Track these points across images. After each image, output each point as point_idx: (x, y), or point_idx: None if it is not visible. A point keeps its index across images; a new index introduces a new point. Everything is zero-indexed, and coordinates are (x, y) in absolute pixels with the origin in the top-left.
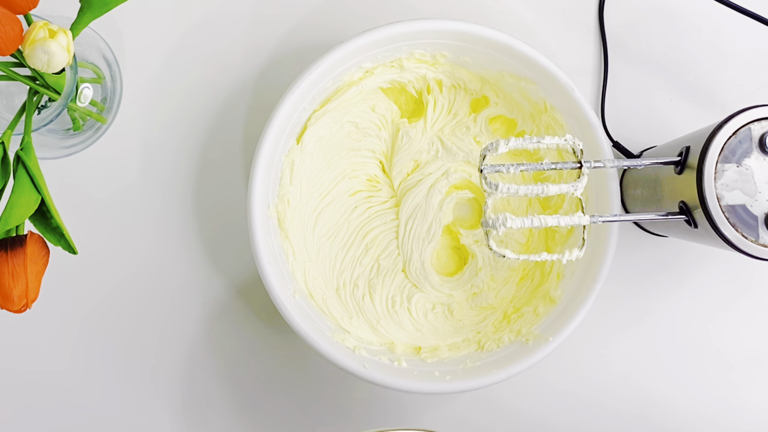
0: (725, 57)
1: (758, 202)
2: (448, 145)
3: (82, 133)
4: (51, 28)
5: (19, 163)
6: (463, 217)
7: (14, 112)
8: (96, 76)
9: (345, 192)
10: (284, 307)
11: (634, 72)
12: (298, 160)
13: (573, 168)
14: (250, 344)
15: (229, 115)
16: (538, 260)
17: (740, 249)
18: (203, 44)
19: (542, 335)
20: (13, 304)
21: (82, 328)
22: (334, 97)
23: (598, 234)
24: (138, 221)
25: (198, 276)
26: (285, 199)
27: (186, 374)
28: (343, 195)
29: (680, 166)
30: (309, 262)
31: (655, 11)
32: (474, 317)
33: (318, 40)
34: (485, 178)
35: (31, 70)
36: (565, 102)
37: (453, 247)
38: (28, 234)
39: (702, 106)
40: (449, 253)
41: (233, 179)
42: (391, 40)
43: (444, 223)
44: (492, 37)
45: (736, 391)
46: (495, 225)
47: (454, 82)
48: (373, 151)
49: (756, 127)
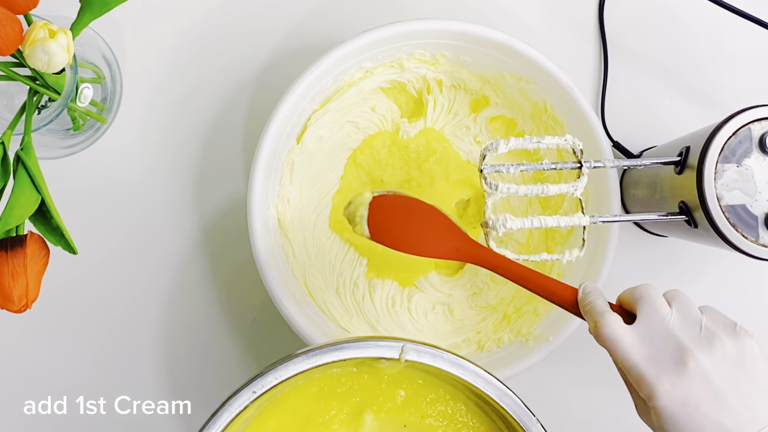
0: (725, 57)
1: (758, 202)
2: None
3: (82, 133)
4: (51, 28)
5: (19, 163)
6: (464, 217)
7: (14, 112)
8: (96, 76)
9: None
10: (284, 307)
11: (634, 72)
12: (298, 160)
13: (573, 168)
14: (253, 342)
15: (229, 115)
16: (538, 261)
17: (740, 249)
18: (203, 44)
19: (542, 335)
20: (13, 304)
21: (82, 328)
22: (334, 97)
23: (598, 234)
24: (138, 221)
25: (198, 276)
26: (285, 199)
27: (188, 374)
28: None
29: (680, 166)
30: (309, 262)
31: (655, 12)
32: (474, 317)
33: (318, 40)
34: (485, 177)
35: (31, 70)
36: (565, 102)
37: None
38: (28, 234)
39: (702, 106)
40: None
41: (233, 179)
42: (391, 40)
43: None
44: (492, 37)
45: None
46: (495, 226)
47: (454, 82)
48: None
49: (756, 127)
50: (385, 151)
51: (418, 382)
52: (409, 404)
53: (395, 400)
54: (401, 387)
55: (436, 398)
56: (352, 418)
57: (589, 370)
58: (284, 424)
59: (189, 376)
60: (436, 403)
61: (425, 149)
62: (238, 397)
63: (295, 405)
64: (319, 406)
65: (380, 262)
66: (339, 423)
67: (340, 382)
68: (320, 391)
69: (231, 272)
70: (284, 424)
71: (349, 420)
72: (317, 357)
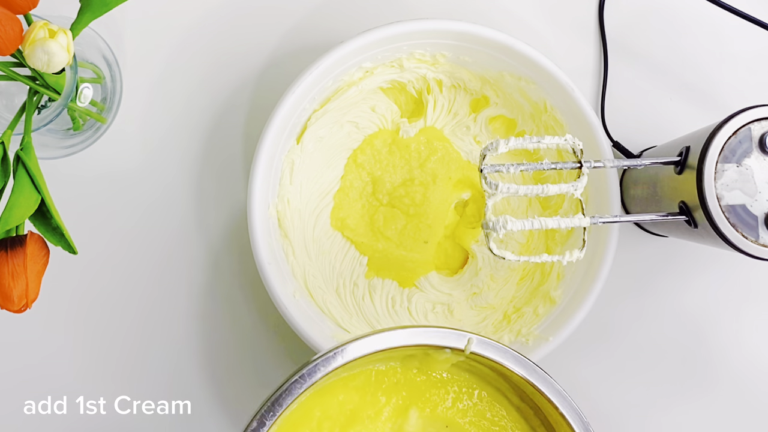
0: (725, 57)
1: (758, 202)
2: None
3: (82, 133)
4: (51, 28)
5: (19, 163)
6: (464, 217)
7: (14, 112)
8: (96, 76)
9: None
10: (284, 307)
11: (634, 72)
12: (298, 160)
13: (573, 168)
14: (252, 343)
15: (229, 115)
16: (539, 262)
17: (740, 249)
18: (203, 44)
19: (542, 335)
20: (13, 304)
21: (82, 328)
22: (334, 97)
23: (599, 234)
24: (138, 221)
25: (199, 275)
26: (285, 199)
27: (188, 374)
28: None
29: (680, 166)
30: (309, 262)
31: (655, 11)
32: (474, 317)
33: (318, 40)
34: (485, 177)
35: (31, 70)
36: (565, 102)
37: (453, 247)
38: (28, 234)
39: (702, 106)
40: (449, 253)
41: (233, 179)
42: (391, 40)
43: (444, 223)
44: (492, 37)
45: (737, 390)
46: (495, 227)
47: (454, 82)
48: None
49: (756, 127)
50: (385, 150)
51: (464, 383)
52: (453, 404)
53: (441, 399)
54: (448, 386)
55: (479, 401)
56: (398, 413)
57: (589, 370)
58: (329, 415)
59: (189, 376)
60: (478, 406)
61: (426, 148)
62: (293, 386)
63: (340, 396)
64: (365, 400)
65: (380, 261)
66: (385, 417)
67: (387, 375)
68: (366, 383)
69: (231, 272)
70: (329, 414)
71: (395, 416)
72: (375, 341)
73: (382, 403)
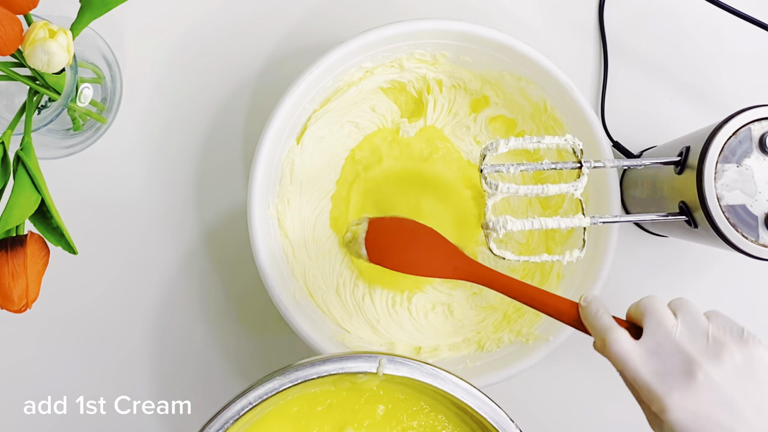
0: (725, 57)
1: (758, 202)
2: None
3: (82, 133)
4: (51, 28)
5: (19, 163)
6: (464, 217)
7: (14, 112)
8: (96, 76)
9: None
10: (284, 307)
11: (634, 72)
12: (298, 160)
13: (573, 168)
14: (252, 343)
15: (229, 115)
16: (539, 261)
17: (740, 249)
18: (203, 44)
19: (542, 335)
20: (13, 304)
21: (82, 328)
22: (334, 97)
23: (599, 234)
24: (138, 221)
25: (199, 276)
26: (285, 199)
27: (189, 375)
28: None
29: (680, 166)
30: (309, 262)
31: (655, 12)
32: (474, 317)
33: (318, 40)
34: (485, 177)
35: (31, 70)
36: (565, 102)
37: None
38: (28, 234)
39: (702, 106)
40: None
41: (233, 179)
42: (391, 40)
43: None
44: (492, 37)
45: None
46: (495, 227)
47: (454, 82)
48: None
49: (756, 127)
50: (385, 149)
51: (398, 395)
52: (390, 418)
53: (375, 415)
54: (381, 402)
55: (418, 411)
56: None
57: (589, 370)
58: None
59: (189, 376)
60: (417, 416)
61: (428, 146)
62: (215, 422)
63: (275, 427)
64: (299, 427)
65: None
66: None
67: (319, 401)
68: (300, 412)
69: (231, 272)
70: None
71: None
72: (294, 374)
73: (315, 428)
